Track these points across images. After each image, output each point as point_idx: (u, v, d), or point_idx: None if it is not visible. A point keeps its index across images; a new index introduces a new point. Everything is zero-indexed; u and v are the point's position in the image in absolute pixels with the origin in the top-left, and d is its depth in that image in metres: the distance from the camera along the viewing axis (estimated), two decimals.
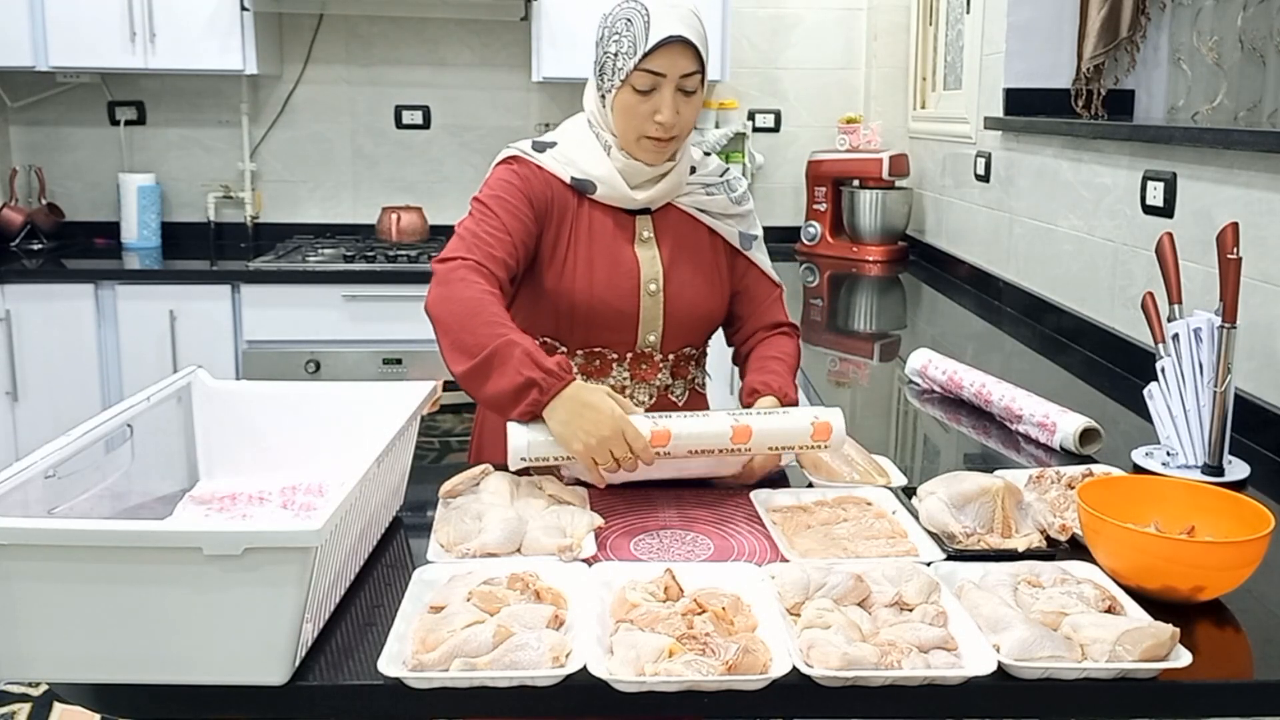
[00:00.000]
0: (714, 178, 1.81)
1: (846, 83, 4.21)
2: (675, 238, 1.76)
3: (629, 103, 1.65)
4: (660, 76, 1.63)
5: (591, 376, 1.74)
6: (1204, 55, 2.51)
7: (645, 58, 1.61)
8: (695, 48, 1.63)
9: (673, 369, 1.79)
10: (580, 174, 1.71)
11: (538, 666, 1.06)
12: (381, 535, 1.41)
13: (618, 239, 1.72)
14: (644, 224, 1.75)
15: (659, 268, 1.73)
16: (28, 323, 3.44)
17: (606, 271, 1.70)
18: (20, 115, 3.95)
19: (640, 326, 1.73)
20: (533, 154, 1.73)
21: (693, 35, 1.63)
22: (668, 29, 1.61)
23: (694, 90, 1.66)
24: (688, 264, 1.75)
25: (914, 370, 2.16)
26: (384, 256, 3.61)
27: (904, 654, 1.08)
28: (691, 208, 1.77)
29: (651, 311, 1.72)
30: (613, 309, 1.70)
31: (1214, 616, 1.22)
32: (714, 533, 1.44)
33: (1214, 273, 1.65)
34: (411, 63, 4.05)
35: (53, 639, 1.05)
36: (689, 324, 1.76)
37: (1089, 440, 1.75)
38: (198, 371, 1.55)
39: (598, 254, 1.70)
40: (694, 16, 1.66)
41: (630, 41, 1.62)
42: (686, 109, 1.66)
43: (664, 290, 1.73)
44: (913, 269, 3.77)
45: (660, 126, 1.65)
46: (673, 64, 1.62)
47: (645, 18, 1.62)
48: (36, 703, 2.76)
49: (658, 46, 1.61)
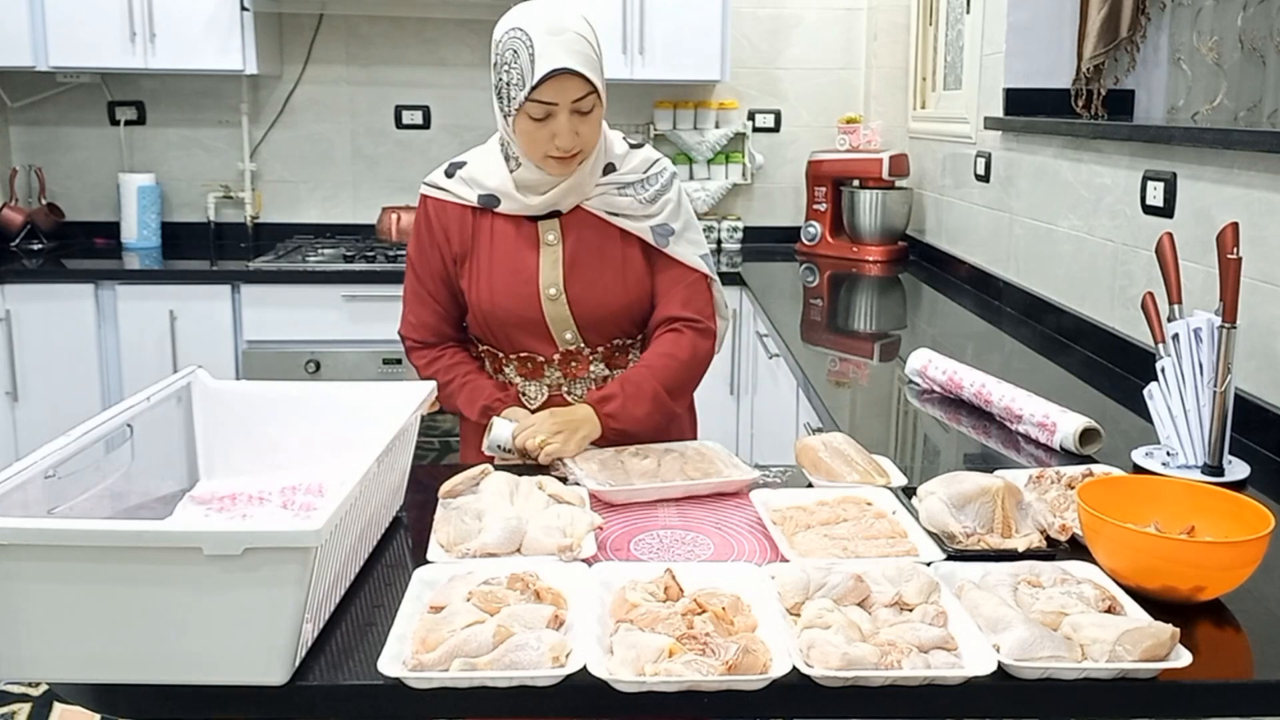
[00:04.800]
0: (635, 174, 1.81)
1: (846, 83, 4.21)
2: (580, 240, 1.78)
3: (527, 128, 1.67)
4: (553, 105, 1.64)
5: (527, 378, 1.83)
6: (1204, 55, 2.51)
7: (535, 89, 1.62)
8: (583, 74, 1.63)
9: (606, 360, 1.83)
10: (485, 191, 1.78)
11: (538, 666, 1.06)
12: (381, 535, 1.41)
13: (520, 247, 1.78)
14: (549, 228, 1.78)
15: (559, 272, 1.77)
16: (28, 323, 3.45)
17: (506, 280, 1.77)
18: (20, 115, 3.95)
19: (552, 328, 1.78)
20: (441, 183, 1.83)
21: (578, 63, 1.62)
22: (553, 62, 1.61)
23: (591, 109, 1.67)
24: (592, 265, 1.78)
25: (914, 370, 2.16)
26: (384, 256, 3.61)
27: (904, 654, 1.08)
28: (600, 210, 1.79)
29: (557, 314, 1.78)
30: (517, 315, 1.77)
31: (1214, 616, 1.22)
32: (714, 533, 1.44)
33: (1214, 273, 1.65)
34: (411, 63, 4.05)
35: (53, 639, 1.05)
36: (603, 322, 1.79)
37: (1089, 440, 1.75)
38: (198, 371, 1.55)
39: (498, 264, 1.78)
40: (581, 39, 1.65)
41: (519, 73, 1.64)
42: (585, 127, 1.68)
43: (565, 293, 1.76)
44: (913, 269, 3.77)
45: (559, 149, 1.68)
46: (562, 92, 1.63)
47: (530, 50, 1.62)
48: (36, 703, 2.76)
49: (544, 80, 1.61)
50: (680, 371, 1.79)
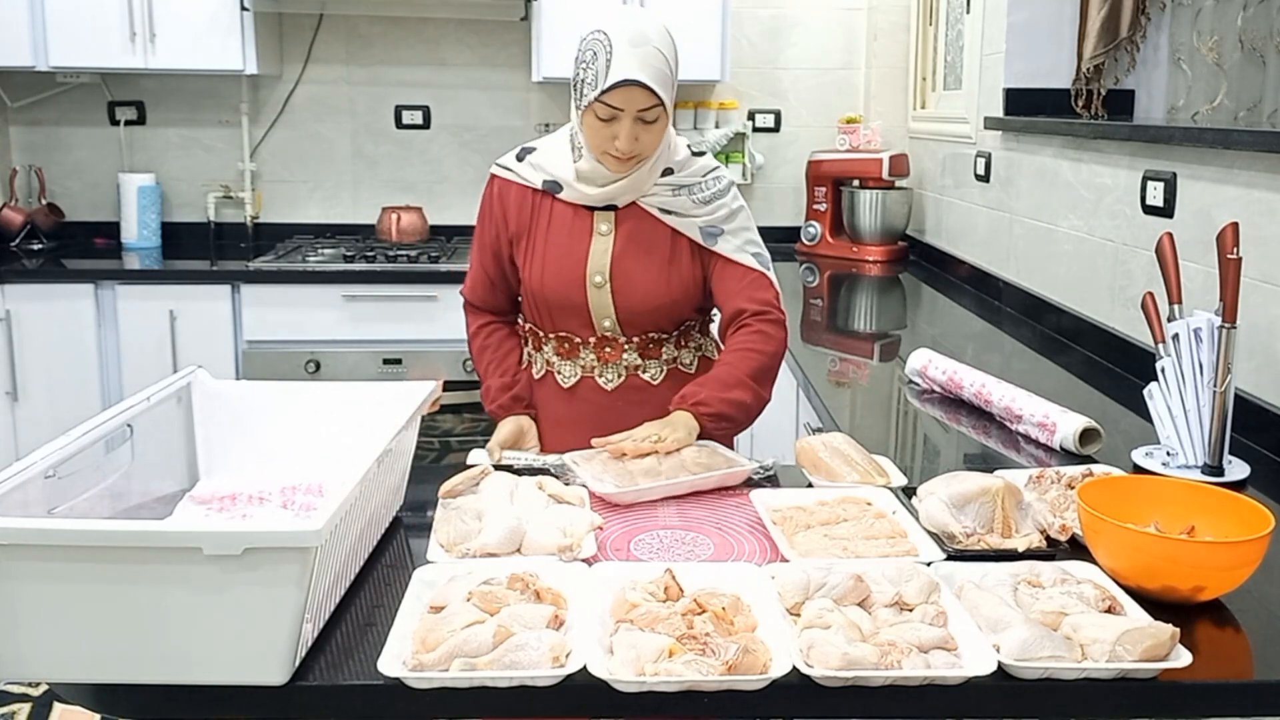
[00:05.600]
0: (694, 178, 1.85)
1: (846, 83, 4.21)
2: (631, 234, 1.83)
3: (593, 124, 1.74)
4: (618, 110, 1.70)
5: (563, 358, 1.90)
6: (1204, 55, 2.51)
7: (604, 93, 1.69)
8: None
9: (640, 351, 1.87)
10: (549, 177, 1.85)
11: (538, 666, 1.06)
12: (381, 535, 1.41)
13: (574, 233, 1.84)
14: (603, 219, 1.84)
15: (608, 260, 1.82)
16: (28, 323, 3.44)
17: (556, 263, 1.84)
18: (20, 115, 3.95)
19: (593, 314, 1.84)
20: (510, 165, 1.90)
21: (650, 78, 1.68)
22: (625, 72, 1.67)
23: (655, 119, 1.73)
24: (639, 258, 1.82)
25: (914, 370, 2.16)
26: (384, 256, 3.61)
27: (904, 654, 1.08)
28: (654, 207, 1.83)
29: (599, 300, 1.83)
30: (562, 297, 1.84)
31: (1214, 616, 1.22)
32: (714, 533, 1.44)
33: (1214, 273, 1.65)
34: (411, 63, 4.05)
35: (53, 639, 1.05)
36: (643, 314, 1.84)
37: (1089, 440, 1.75)
38: (198, 371, 1.55)
39: (552, 247, 1.85)
40: (658, 53, 1.70)
41: (594, 74, 1.71)
42: (647, 135, 1.74)
43: (610, 282, 1.81)
44: (913, 269, 3.77)
45: (618, 150, 1.73)
46: (629, 101, 1.69)
47: (608, 55, 1.69)
48: (36, 703, 2.76)
49: (614, 87, 1.67)
50: (761, 360, 1.80)
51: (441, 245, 3.87)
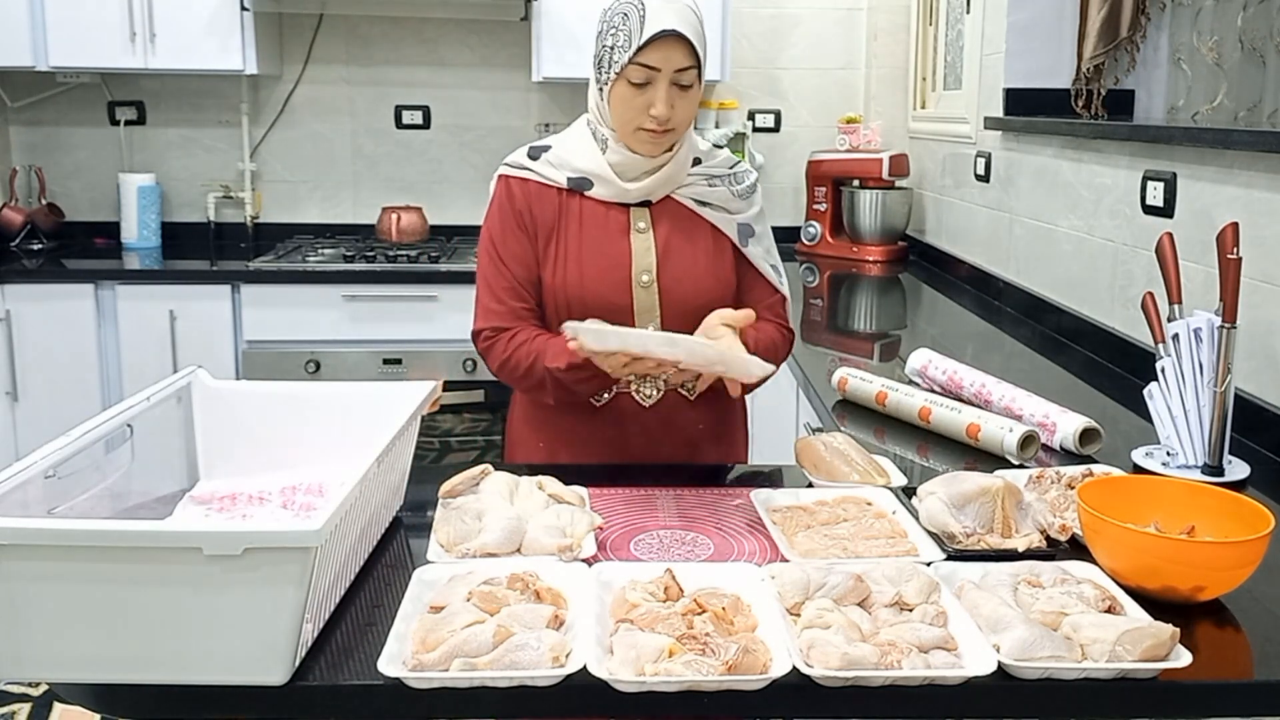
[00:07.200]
0: (722, 169, 1.81)
1: (846, 83, 4.21)
2: (672, 229, 1.76)
3: (624, 95, 1.66)
4: (655, 70, 1.63)
5: None
6: (1204, 55, 2.51)
7: (639, 51, 1.62)
8: (691, 43, 1.64)
9: None
10: (575, 173, 1.74)
11: (538, 666, 1.06)
12: (381, 535, 1.41)
13: (611, 232, 1.73)
14: (639, 215, 1.75)
15: (653, 259, 1.73)
16: (28, 323, 3.44)
17: (597, 265, 1.72)
18: (20, 115, 3.95)
19: (636, 318, 1.72)
20: (525, 164, 1.76)
21: (688, 30, 1.63)
22: (662, 23, 1.61)
23: (690, 85, 1.67)
24: (685, 254, 1.75)
25: (914, 370, 2.16)
26: (384, 256, 3.61)
27: (904, 654, 1.08)
28: (690, 199, 1.77)
29: (646, 302, 1.73)
30: (605, 301, 1.71)
31: (1214, 616, 1.22)
32: (714, 533, 1.44)
33: (1214, 273, 1.65)
34: (411, 63, 4.05)
35: (53, 639, 1.05)
36: (689, 313, 1.71)
37: (1089, 440, 1.75)
38: (198, 371, 1.55)
39: (588, 248, 1.73)
40: (691, 12, 1.66)
41: (626, 35, 1.63)
42: (682, 103, 1.67)
43: (658, 281, 1.73)
44: (913, 269, 3.77)
45: (654, 120, 1.65)
46: (667, 58, 1.63)
47: (641, 12, 1.63)
48: (36, 703, 2.76)
49: (651, 40, 1.61)
50: (774, 341, 1.79)
51: (441, 245, 3.87)
